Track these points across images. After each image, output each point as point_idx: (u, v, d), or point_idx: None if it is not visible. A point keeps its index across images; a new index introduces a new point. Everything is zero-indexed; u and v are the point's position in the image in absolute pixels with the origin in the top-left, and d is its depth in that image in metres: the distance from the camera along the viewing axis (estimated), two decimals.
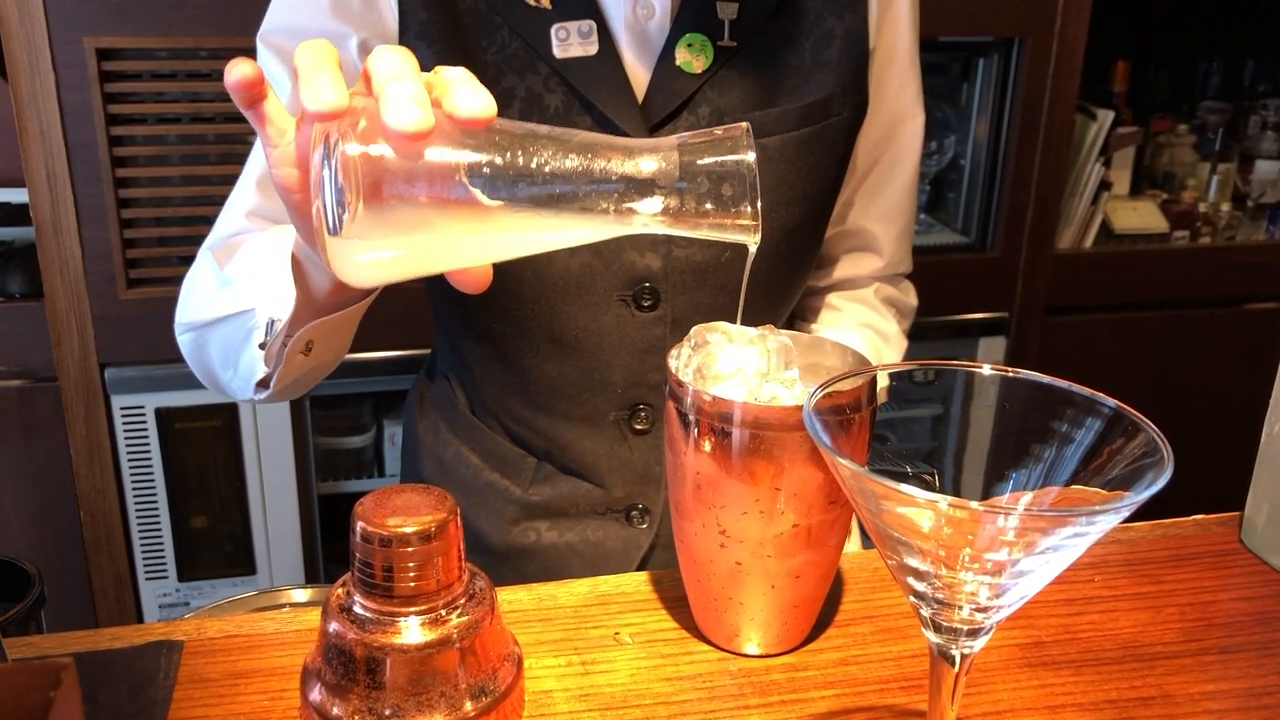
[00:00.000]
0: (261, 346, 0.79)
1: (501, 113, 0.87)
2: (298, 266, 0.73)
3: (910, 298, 1.14)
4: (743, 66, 0.91)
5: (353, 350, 1.07)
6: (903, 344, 1.10)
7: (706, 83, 0.90)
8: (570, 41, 0.88)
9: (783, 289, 1.01)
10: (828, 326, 1.08)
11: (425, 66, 0.86)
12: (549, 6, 0.88)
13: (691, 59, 0.90)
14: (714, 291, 0.95)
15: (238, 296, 0.83)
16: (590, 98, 0.88)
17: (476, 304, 0.96)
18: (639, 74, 0.90)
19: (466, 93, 0.55)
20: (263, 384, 0.83)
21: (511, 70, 0.89)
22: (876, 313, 1.09)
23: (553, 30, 0.88)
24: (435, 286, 1.03)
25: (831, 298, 1.11)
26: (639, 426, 0.98)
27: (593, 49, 0.88)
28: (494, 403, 1.01)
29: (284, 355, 0.79)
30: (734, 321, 0.95)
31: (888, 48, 0.99)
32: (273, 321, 0.78)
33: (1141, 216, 2.30)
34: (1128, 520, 0.46)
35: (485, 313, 0.96)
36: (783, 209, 0.94)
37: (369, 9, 0.88)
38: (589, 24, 0.88)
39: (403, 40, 0.88)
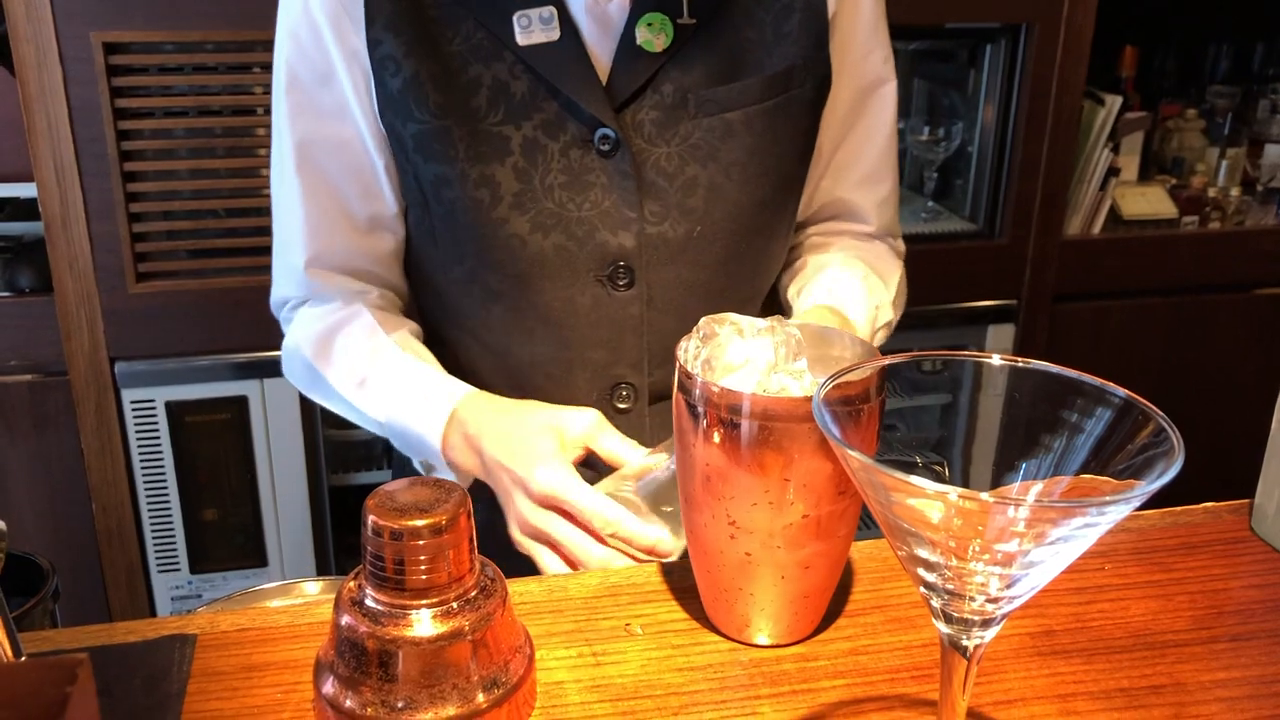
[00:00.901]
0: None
1: (469, 101, 0.91)
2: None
3: (899, 244, 1.14)
4: (704, 43, 0.92)
5: None
6: (895, 266, 1.09)
7: (669, 61, 0.91)
8: (532, 29, 0.89)
9: (758, 262, 1.01)
10: (813, 254, 1.08)
11: (394, 57, 0.89)
12: None
13: (652, 38, 0.91)
14: (689, 267, 0.96)
15: (369, 424, 0.99)
16: (555, 83, 0.90)
17: (457, 291, 0.98)
18: (601, 56, 0.91)
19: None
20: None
21: (477, 59, 0.90)
22: (859, 240, 1.10)
23: (515, 18, 0.89)
24: (416, 276, 1.04)
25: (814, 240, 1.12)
26: (621, 405, 0.98)
27: (555, 34, 0.89)
28: (479, 387, 1.02)
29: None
30: (710, 295, 0.96)
31: (849, 17, 0.99)
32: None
33: (1150, 202, 2.29)
34: (1138, 508, 0.46)
35: (465, 298, 0.97)
36: (753, 182, 0.95)
37: (342, 5, 0.90)
38: (550, 10, 0.89)
39: (370, 32, 0.89)
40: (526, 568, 1.02)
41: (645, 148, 0.92)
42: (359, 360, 0.97)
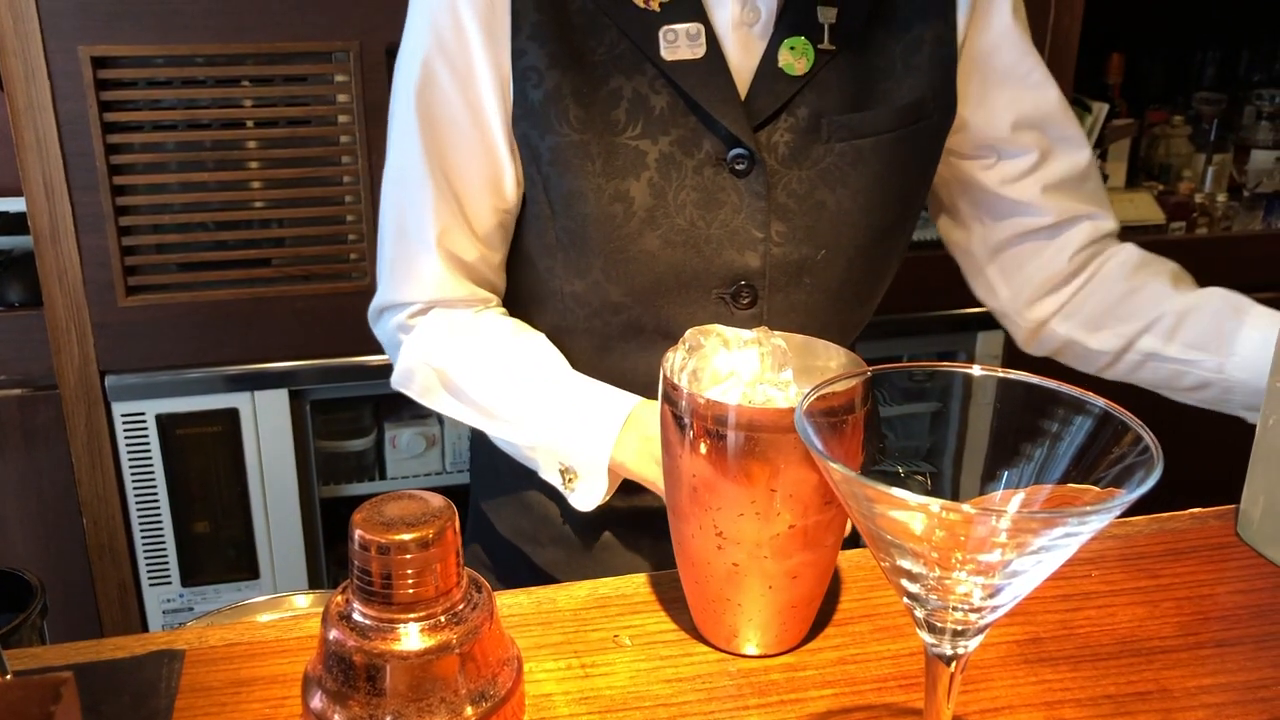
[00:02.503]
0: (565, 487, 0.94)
1: (609, 114, 0.91)
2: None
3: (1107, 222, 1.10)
4: (840, 70, 0.93)
5: (353, 354, 1.08)
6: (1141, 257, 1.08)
7: (806, 85, 0.92)
8: (678, 44, 0.90)
9: (871, 289, 1.02)
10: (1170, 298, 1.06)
11: (537, 68, 0.90)
12: (657, 9, 0.89)
13: (793, 61, 0.91)
14: (808, 289, 0.96)
15: (512, 434, 0.95)
16: (696, 99, 0.90)
17: (580, 301, 0.97)
18: (742, 75, 0.92)
19: None
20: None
21: (619, 71, 0.90)
22: (1159, 265, 1.09)
23: (661, 32, 0.90)
24: (526, 287, 1.02)
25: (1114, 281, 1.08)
26: None
27: (700, 51, 0.90)
28: None
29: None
30: (827, 319, 0.96)
31: (984, 50, 0.99)
32: (569, 473, 0.93)
33: (1138, 208, 2.30)
34: (1123, 515, 0.46)
35: (581, 310, 0.97)
36: (878, 210, 0.95)
37: (493, 12, 0.89)
38: (697, 27, 0.90)
39: (515, 41, 0.90)
40: (596, 567, 1.03)
41: (778, 169, 0.92)
42: (512, 363, 0.95)
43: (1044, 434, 0.53)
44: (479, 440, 1.14)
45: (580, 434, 0.90)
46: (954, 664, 0.52)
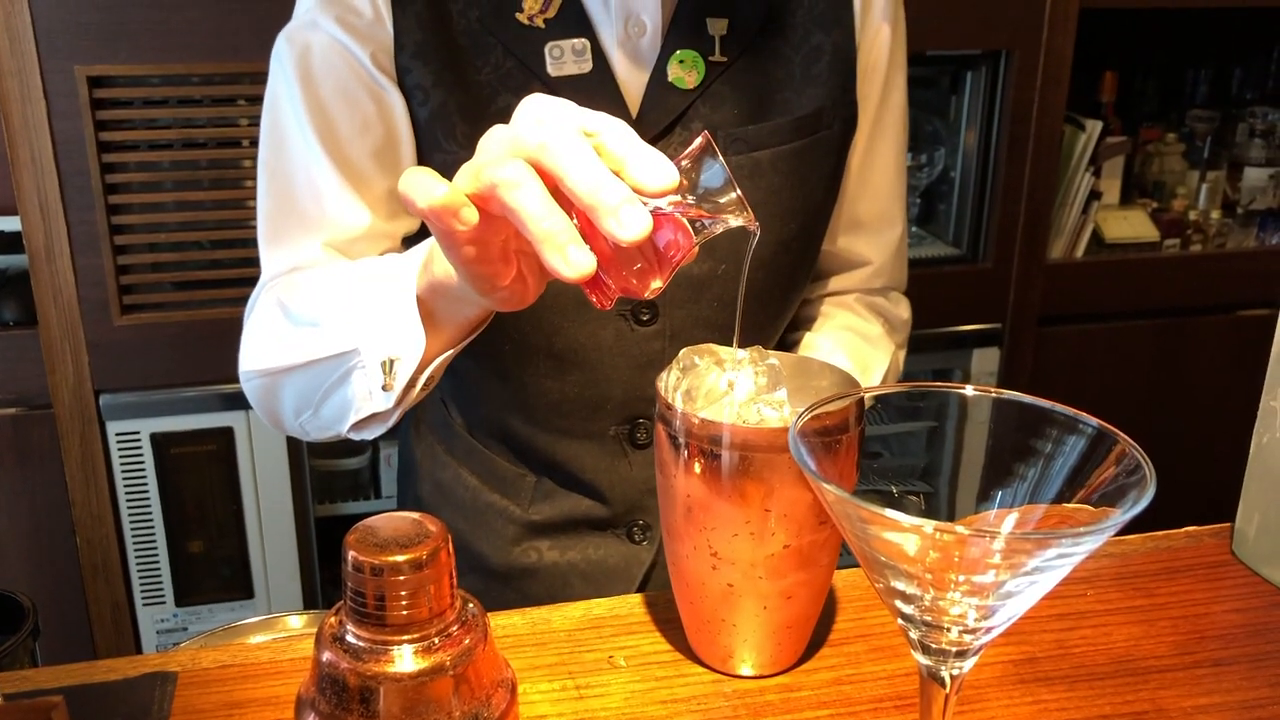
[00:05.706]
0: (384, 388, 0.80)
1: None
2: (421, 306, 0.75)
3: (901, 308, 1.13)
4: (734, 81, 0.92)
5: None
6: (888, 346, 1.07)
7: (699, 98, 0.91)
8: (564, 60, 0.89)
9: (778, 302, 1.01)
10: (811, 331, 1.07)
11: (422, 86, 0.88)
12: (542, 26, 0.89)
13: (683, 74, 0.90)
14: (711, 304, 0.95)
15: (330, 340, 0.83)
16: None
17: None
18: (632, 90, 0.91)
19: (647, 166, 0.62)
20: (360, 424, 0.85)
21: (506, 89, 0.89)
22: (860, 307, 1.09)
23: (546, 49, 0.89)
24: None
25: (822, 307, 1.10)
26: (640, 439, 0.98)
27: (586, 67, 0.89)
28: (492, 422, 1.01)
29: (411, 391, 0.80)
30: (732, 334, 0.95)
31: (873, 62, 0.99)
32: (391, 361, 0.79)
33: (1132, 225, 2.31)
34: (1118, 534, 0.46)
35: (485, 331, 0.96)
36: (777, 222, 0.94)
37: (378, 25, 0.89)
38: (582, 42, 0.89)
39: (399, 60, 0.89)
40: (518, 597, 1.02)
41: None
42: (332, 275, 0.88)
43: (1038, 453, 0.53)
44: (405, 475, 1.13)
45: (392, 277, 0.80)
46: (949, 685, 0.52)
